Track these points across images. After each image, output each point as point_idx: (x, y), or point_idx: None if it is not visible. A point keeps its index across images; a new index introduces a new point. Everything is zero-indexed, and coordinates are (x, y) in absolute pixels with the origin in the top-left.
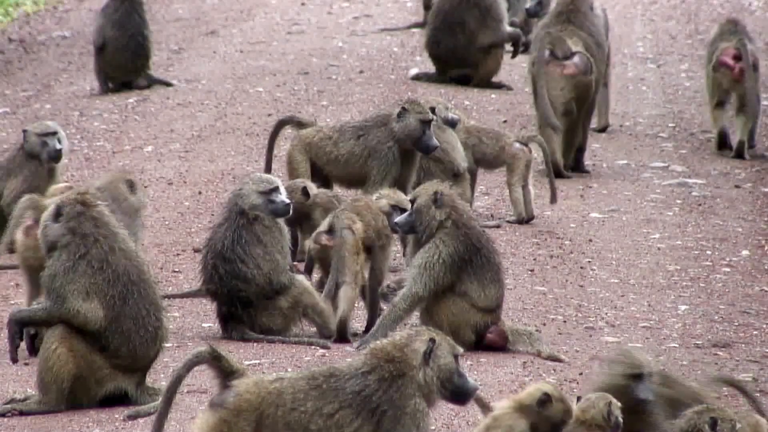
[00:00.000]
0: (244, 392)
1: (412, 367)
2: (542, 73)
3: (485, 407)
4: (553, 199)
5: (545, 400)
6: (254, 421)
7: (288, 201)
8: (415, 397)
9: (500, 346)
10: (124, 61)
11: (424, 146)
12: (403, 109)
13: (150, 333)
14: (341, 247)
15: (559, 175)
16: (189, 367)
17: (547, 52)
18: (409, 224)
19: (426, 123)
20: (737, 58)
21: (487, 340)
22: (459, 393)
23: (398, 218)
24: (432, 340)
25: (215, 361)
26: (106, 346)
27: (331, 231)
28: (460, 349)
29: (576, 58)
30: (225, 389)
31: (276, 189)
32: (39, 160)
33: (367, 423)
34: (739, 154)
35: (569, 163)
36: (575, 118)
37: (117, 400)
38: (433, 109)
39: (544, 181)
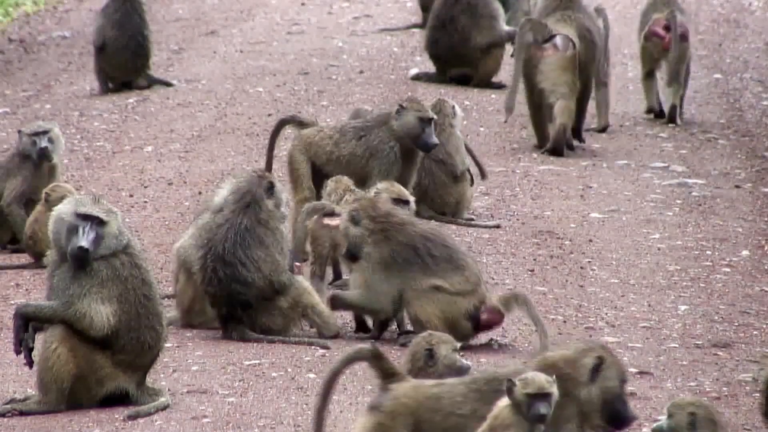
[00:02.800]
0: (401, 396)
1: (577, 384)
2: (521, 58)
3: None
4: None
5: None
6: (411, 425)
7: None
8: (572, 410)
9: (498, 321)
10: (124, 61)
11: (423, 144)
12: (401, 107)
13: (155, 334)
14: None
15: (569, 147)
16: (347, 362)
17: (529, 37)
18: (348, 252)
19: (425, 121)
20: (668, 28)
21: (483, 322)
22: (616, 419)
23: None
24: (600, 358)
25: (375, 360)
26: (110, 346)
27: (332, 214)
28: (627, 374)
29: (555, 39)
30: (383, 392)
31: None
32: (32, 160)
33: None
34: (672, 119)
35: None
36: (582, 89)
37: (117, 400)
38: (454, 107)
39: (546, 181)
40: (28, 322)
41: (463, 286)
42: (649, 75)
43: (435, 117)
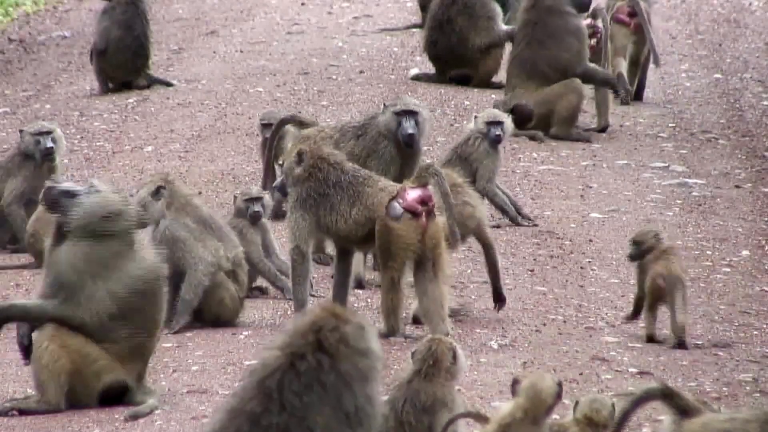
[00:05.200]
0: None
1: None
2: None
3: (482, 418)
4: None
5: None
6: None
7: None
8: None
9: (425, 197)
10: (124, 61)
11: (401, 137)
12: (384, 105)
13: (147, 329)
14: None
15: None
16: (638, 403)
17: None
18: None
19: (399, 114)
20: (632, 14)
21: (410, 206)
22: None
23: None
24: None
25: (667, 397)
26: (102, 340)
27: None
28: None
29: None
30: (674, 430)
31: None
32: (35, 160)
33: None
34: (638, 96)
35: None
36: None
37: (117, 398)
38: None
39: (546, 181)
40: (6, 322)
41: (373, 197)
42: (614, 62)
43: (413, 109)
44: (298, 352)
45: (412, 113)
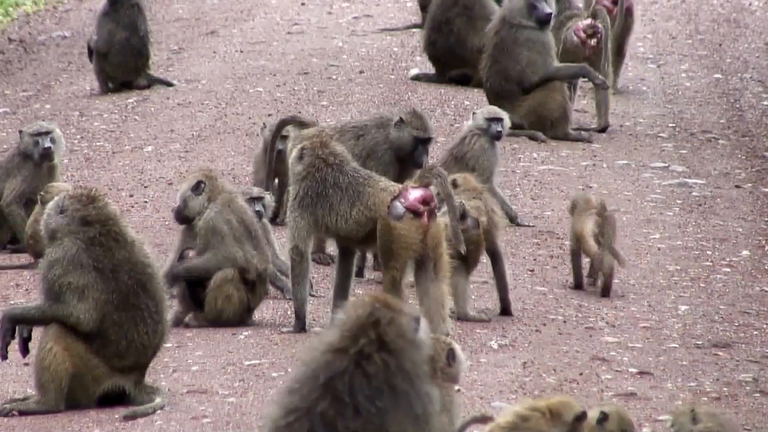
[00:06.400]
0: None
1: None
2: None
3: (486, 420)
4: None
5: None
6: None
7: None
8: None
9: (427, 196)
10: (124, 61)
11: (413, 161)
12: (401, 120)
13: (147, 335)
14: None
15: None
16: None
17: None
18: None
19: (420, 140)
20: (615, 2)
21: (412, 206)
22: None
23: None
24: None
25: None
26: (101, 348)
27: (463, 216)
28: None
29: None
30: None
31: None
32: (34, 160)
33: None
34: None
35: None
36: None
37: (116, 399)
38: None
39: (546, 181)
40: (14, 326)
41: (374, 197)
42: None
43: (432, 137)
44: (363, 352)
45: (430, 141)
